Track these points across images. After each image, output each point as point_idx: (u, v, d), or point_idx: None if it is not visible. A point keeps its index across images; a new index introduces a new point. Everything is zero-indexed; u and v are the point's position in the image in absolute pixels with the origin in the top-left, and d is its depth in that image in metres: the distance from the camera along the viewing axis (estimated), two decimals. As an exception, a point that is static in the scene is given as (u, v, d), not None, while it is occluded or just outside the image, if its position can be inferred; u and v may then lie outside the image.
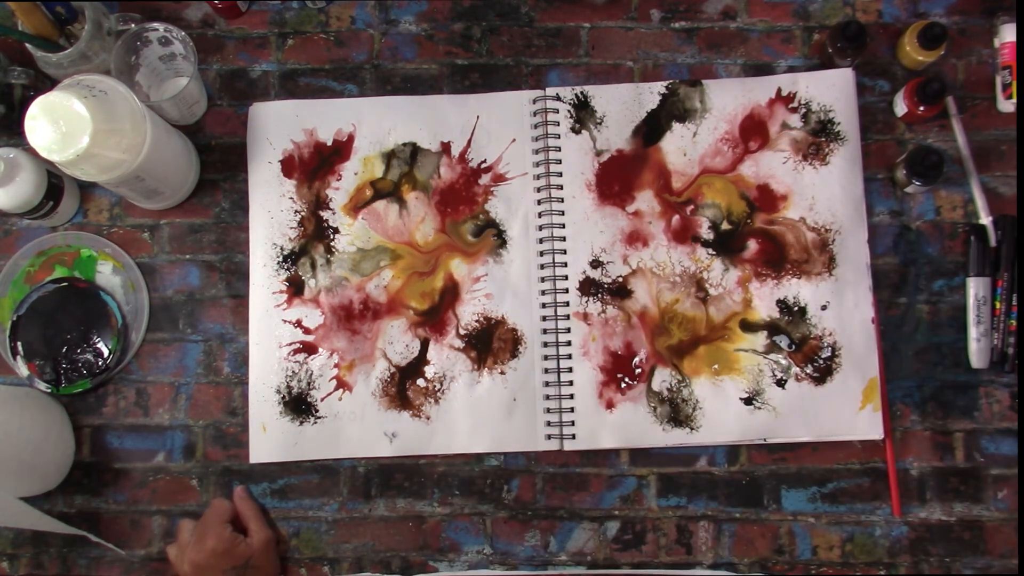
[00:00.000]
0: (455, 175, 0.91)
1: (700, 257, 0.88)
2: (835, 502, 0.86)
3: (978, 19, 0.91)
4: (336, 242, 0.90)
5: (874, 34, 0.91)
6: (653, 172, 0.90)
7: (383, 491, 0.87)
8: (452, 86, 0.93)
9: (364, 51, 0.93)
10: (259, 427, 0.87)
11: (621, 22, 0.93)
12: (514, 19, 0.93)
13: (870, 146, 0.90)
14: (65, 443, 0.87)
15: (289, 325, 0.89)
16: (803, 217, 0.88)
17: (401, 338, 0.88)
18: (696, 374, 0.86)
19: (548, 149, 0.90)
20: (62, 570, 0.87)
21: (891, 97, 0.90)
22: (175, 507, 0.88)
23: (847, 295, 0.87)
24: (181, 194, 0.90)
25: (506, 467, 0.87)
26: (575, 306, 0.88)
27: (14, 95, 0.89)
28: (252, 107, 0.92)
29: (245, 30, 0.94)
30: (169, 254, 0.91)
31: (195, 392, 0.89)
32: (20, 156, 0.84)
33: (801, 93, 0.90)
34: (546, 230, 0.89)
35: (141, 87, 0.89)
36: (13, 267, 0.90)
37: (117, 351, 0.88)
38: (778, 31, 0.92)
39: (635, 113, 0.91)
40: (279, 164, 0.91)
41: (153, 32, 0.86)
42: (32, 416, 0.83)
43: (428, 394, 0.87)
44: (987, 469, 0.86)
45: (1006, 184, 0.89)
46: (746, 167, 0.89)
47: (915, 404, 0.87)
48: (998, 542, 0.85)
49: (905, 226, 0.89)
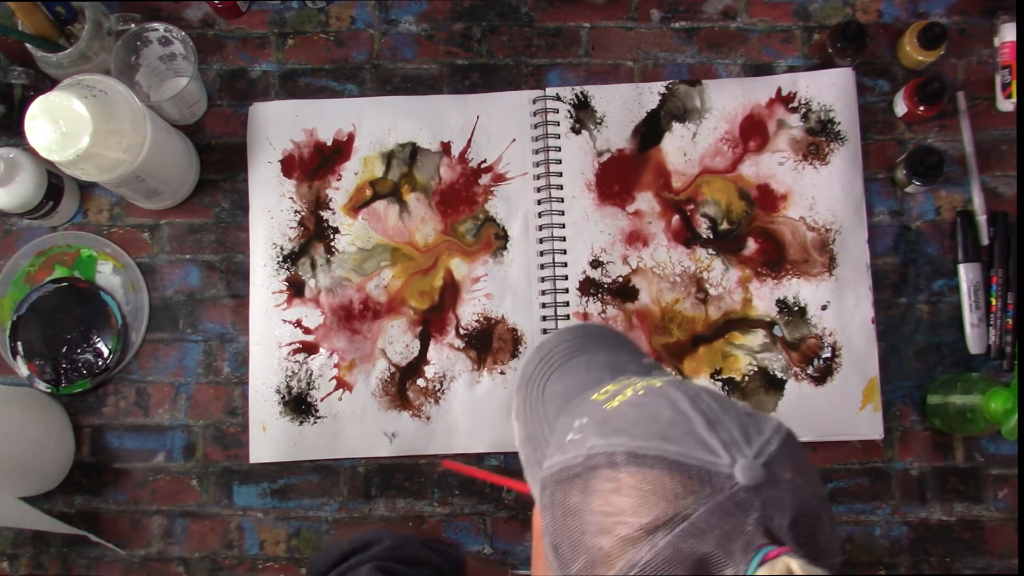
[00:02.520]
0: (455, 175, 0.91)
1: (700, 257, 0.88)
2: (835, 502, 0.86)
3: (978, 19, 0.91)
4: (336, 242, 0.90)
5: (874, 34, 0.91)
6: (653, 172, 0.90)
7: (383, 491, 0.87)
8: (452, 86, 0.93)
9: (364, 51, 0.93)
10: (259, 427, 0.87)
11: (621, 22, 0.93)
12: (514, 19, 0.93)
13: (870, 146, 0.90)
14: (65, 443, 0.87)
15: (289, 325, 0.89)
16: (803, 217, 0.88)
17: (401, 338, 0.88)
18: (696, 374, 0.86)
19: (548, 149, 0.90)
20: (62, 570, 0.87)
21: (891, 97, 0.90)
22: (175, 507, 0.88)
23: (847, 295, 0.87)
24: (181, 194, 0.90)
25: (506, 467, 0.87)
26: (575, 306, 0.88)
27: (14, 95, 0.89)
28: (252, 107, 0.92)
29: (245, 30, 0.94)
30: (169, 254, 0.91)
31: (195, 392, 0.89)
32: (20, 156, 0.84)
33: (801, 93, 0.90)
34: (546, 230, 0.89)
35: (141, 87, 0.89)
36: (13, 267, 0.90)
37: (117, 351, 0.88)
38: (778, 31, 0.92)
39: (635, 113, 0.91)
40: (279, 164, 0.91)
41: (153, 32, 0.86)
42: (32, 416, 0.83)
43: (428, 394, 0.87)
44: (987, 469, 0.86)
45: (1006, 184, 0.89)
46: (746, 167, 0.89)
47: (915, 404, 0.87)
48: (998, 542, 0.85)
49: (905, 226, 0.89)
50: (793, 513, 0.39)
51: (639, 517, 0.39)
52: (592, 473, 0.43)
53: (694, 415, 0.42)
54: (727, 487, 0.39)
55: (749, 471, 0.39)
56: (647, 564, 0.38)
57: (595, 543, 0.41)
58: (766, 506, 0.38)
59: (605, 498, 0.41)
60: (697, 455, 0.40)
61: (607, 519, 0.41)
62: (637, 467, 0.41)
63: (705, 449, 0.40)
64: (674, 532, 0.38)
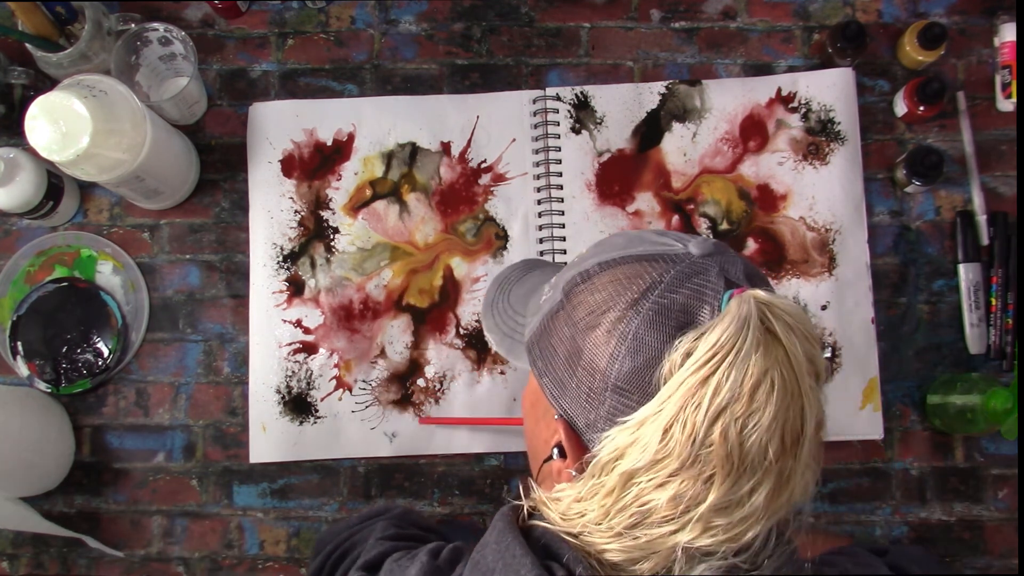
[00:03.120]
0: (455, 175, 0.91)
1: (700, 257, 0.88)
2: (835, 502, 0.86)
3: (978, 19, 0.91)
4: (336, 242, 0.90)
5: (874, 34, 0.91)
6: (653, 172, 0.90)
7: (383, 491, 0.87)
8: (452, 86, 0.92)
9: (364, 51, 0.93)
10: (259, 427, 0.87)
11: (621, 22, 0.93)
12: (514, 19, 0.93)
13: (870, 146, 0.90)
14: (65, 443, 0.87)
15: (289, 325, 0.89)
16: (803, 217, 0.88)
17: (401, 338, 0.88)
18: (696, 374, 0.86)
19: (548, 149, 0.90)
20: (62, 570, 0.87)
21: (891, 97, 0.90)
22: (175, 507, 0.87)
23: (847, 295, 0.87)
24: (181, 194, 0.90)
25: (506, 467, 0.87)
26: (575, 306, 0.88)
27: (14, 95, 0.89)
28: (252, 107, 0.92)
29: (245, 30, 0.94)
30: (169, 254, 0.91)
31: (195, 392, 0.89)
32: (20, 156, 0.84)
33: (801, 93, 0.90)
34: (546, 230, 0.89)
35: (141, 87, 0.89)
36: (13, 267, 0.90)
37: (117, 351, 0.88)
38: (778, 31, 0.92)
39: (635, 113, 0.91)
40: (279, 164, 0.91)
41: (153, 32, 0.86)
42: (32, 416, 0.83)
43: (428, 394, 0.87)
44: (987, 469, 0.86)
45: (1006, 184, 0.89)
46: (746, 167, 0.89)
47: (915, 404, 0.87)
48: (998, 542, 0.85)
49: (905, 226, 0.89)
50: (745, 268, 0.48)
51: (622, 298, 0.47)
52: (570, 297, 0.50)
53: (644, 233, 0.52)
54: (687, 260, 0.48)
55: (702, 244, 0.49)
56: (639, 326, 0.46)
57: (587, 342, 0.47)
58: (722, 265, 0.48)
59: (586, 304, 0.49)
60: (656, 249, 0.49)
61: (593, 316, 0.48)
62: (609, 269, 0.49)
63: (662, 245, 0.49)
64: (654, 295, 0.46)
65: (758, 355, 0.43)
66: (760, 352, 0.43)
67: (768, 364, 0.43)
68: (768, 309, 0.45)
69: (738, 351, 0.43)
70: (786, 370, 0.44)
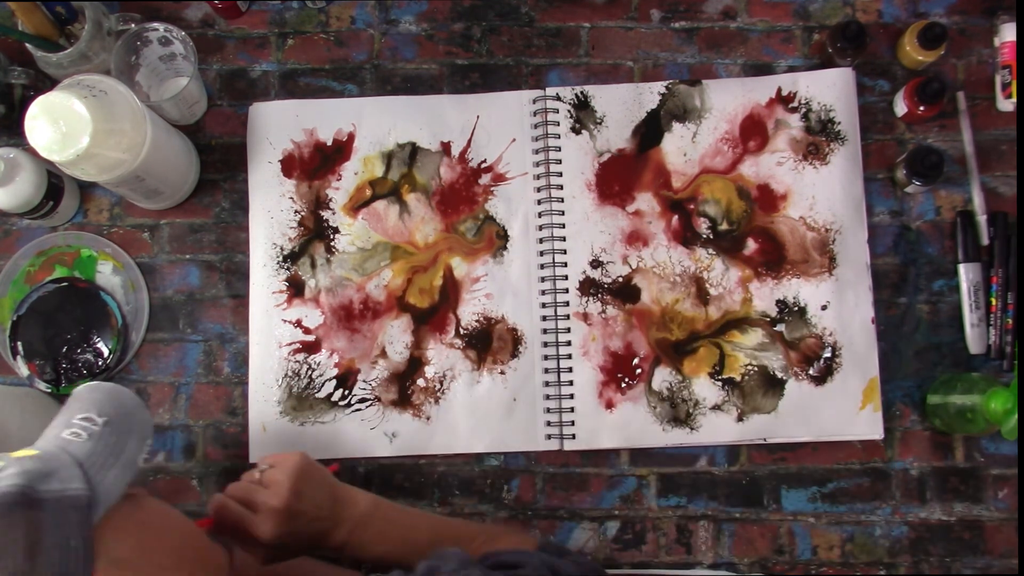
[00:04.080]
0: (455, 175, 0.91)
1: (700, 257, 0.88)
2: (835, 502, 0.86)
3: (978, 19, 0.91)
4: (336, 242, 0.90)
5: (874, 34, 0.91)
6: (653, 172, 0.90)
7: (383, 491, 0.87)
8: (452, 86, 0.93)
9: (364, 51, 0.93)
10: (259, 427, 0.87)
11: (621, 22, 0.93)
12: (514, 19, 0.93)
13: (870, 146, 0.90)
14: (65, 443, 0.87)
15: (289, 325, 0.89)
16: (803, 217, 0.88)
17: (401, 337, 0.88)
18: (696, 374, 0.86)
19: (548, 149, 0.90)
20: (62, 570, 0.87)
21: (891, 97, 0.90)
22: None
23: (847, 295, 0.87)
24: (181, 194, 0.90)
25: (506, 467, 0.87)
26: (575, 306, 0.88)
27: (14, 95, 0.89)
28: (252, 107, 0.92)
29: (245, 30, 0.94)
30: (169, 254, 0.91)
31: (195, 392, 0.89)
32: (20, 156, 0.84)
33: (801, 93, 0.90)
34: (546, 230, 0.89)
35: (141, 87, 0.89)
36: (13, 267, 0.90)
37: (117, 351, 0.88)
38: (778, 31, 0.92)
39: (635, 113, 0.91)
40: (279, 164, 0.91)
41: (153, 32, 0.86)
42: (32, 416, 0.83)
43: (428, 394, 0.87)
44: (987, 469, 0.86)
45: (1006, 184, 0.89)
46: (746, 167, 0.89)
47: (915, 404, 0.87)
48: (998, 542, 0.85)
49: (905, 226, 0.89)
50: None
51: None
52: None
53: None
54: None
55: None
56: None
57: None
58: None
59: None
60: None
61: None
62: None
63: None
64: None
65: None
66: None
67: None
68: None
69: None
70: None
